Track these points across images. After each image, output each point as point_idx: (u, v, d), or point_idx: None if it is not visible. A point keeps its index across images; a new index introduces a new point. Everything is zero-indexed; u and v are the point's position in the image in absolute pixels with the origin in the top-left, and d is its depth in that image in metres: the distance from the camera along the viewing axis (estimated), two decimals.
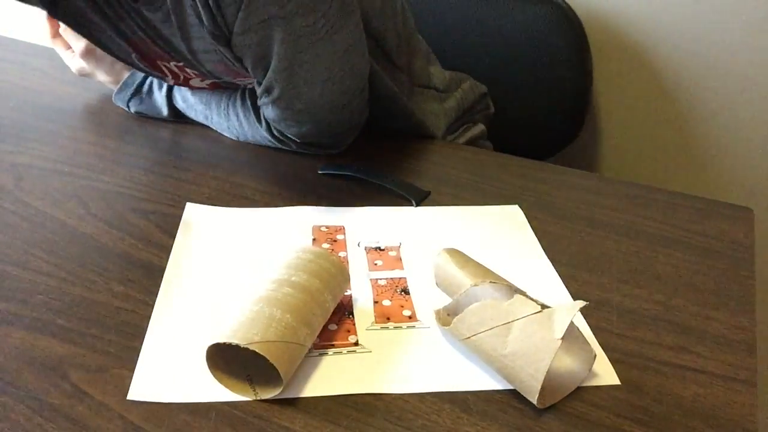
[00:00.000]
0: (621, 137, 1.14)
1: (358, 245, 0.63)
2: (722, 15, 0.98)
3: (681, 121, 1.09)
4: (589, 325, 0.54)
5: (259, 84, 0.68)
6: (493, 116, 1.00)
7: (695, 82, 1.05)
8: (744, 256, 0.64)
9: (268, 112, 0.71)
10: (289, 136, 0.74)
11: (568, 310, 0.45)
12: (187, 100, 0.81)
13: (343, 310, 0.54)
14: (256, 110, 0.76)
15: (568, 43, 1.01)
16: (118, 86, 0.84)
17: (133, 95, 0.84)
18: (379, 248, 0.62)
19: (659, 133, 1.11)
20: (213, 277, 0.57)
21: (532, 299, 0.47)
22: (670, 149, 1.11)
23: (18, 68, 0.95)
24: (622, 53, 1.06)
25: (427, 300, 0.56)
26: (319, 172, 0.74)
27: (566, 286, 0.58)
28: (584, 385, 0.48)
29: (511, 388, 0.47)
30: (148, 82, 0.83)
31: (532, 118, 1.08)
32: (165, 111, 0.82)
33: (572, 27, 1.00)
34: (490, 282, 0.50)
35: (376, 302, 0.55)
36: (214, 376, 0.46)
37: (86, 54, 0.81)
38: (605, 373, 0.49)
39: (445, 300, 0.53)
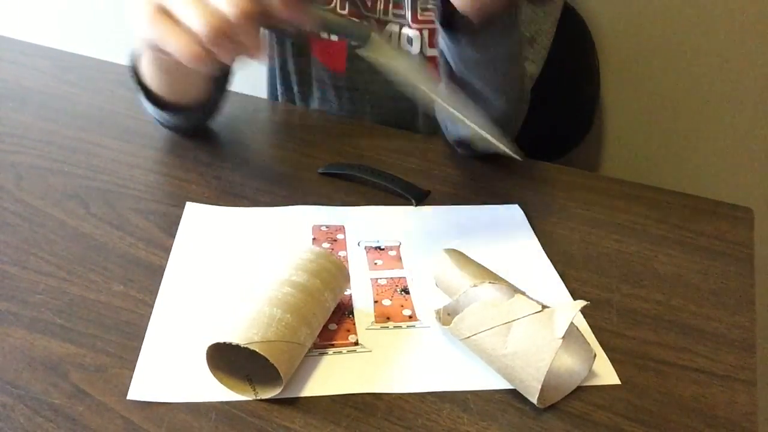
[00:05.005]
0: (625, 138, 1.14)
1: (358, 245, 0.63)
2: (724, 16, 0.98)
3: (681, 121, 1.09)
4: (589, 325, 0.54)
5: None
6: None
7: (695, 84, 1.05)
8: (744, 256, 0.64)
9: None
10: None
11: (568, 310, 0.45)
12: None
13: (343, 310, 0.54)
14: None
15: (575, 46, 1.00)
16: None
17: None
18: (379, 248, 0.62)
19: (660, 134, 1.11)
20: (213, 276, 0.57)
21: (532, 299, 0.47)
22: (671, 149, 1.11)
23: (18, 68, 0.95)
24: (627, 55, 1.06)
25: (427, 300, 0.56)
26: (319, 171, 0.74)
27: (566, 286, 0.58)
28: (584, 385, 0.48)
29: (511, 388, 0.47)
30: None
31: (540, 120, 1.08)
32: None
33: (578, 29, 1.00)
34: (490, 282, 0.50)
35: (376, 302, 0.55)
36: (214, 375, 0.46)
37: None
38: (605, 373, 0.49)
39: (445, 300, 0.53)
